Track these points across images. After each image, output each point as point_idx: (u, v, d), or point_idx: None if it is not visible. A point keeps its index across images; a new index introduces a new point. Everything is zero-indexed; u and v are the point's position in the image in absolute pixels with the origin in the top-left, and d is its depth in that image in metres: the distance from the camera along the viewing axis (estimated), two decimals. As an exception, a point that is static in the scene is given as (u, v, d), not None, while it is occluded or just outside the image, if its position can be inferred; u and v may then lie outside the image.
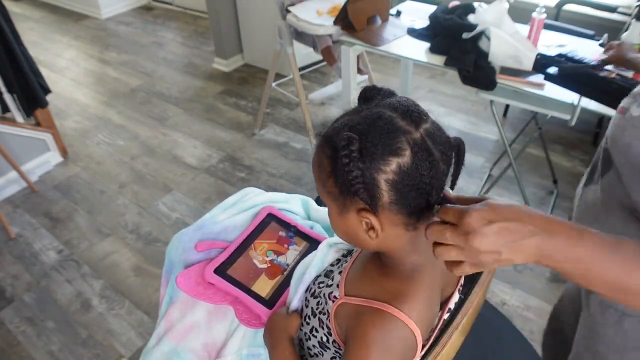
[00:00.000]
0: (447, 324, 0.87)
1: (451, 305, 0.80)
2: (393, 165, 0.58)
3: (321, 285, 0.80)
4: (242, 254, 1.00)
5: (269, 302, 0.92)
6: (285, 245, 1.03)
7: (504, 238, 0.54)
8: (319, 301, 0.79)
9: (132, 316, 1.90)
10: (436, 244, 0.58)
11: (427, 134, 0.60)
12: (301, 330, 0.83)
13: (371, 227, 0.63)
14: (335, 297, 0.74)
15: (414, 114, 0.61)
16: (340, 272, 0.78)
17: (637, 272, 0.54)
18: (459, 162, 0.65)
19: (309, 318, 0.80)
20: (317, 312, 0.78)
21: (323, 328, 0.76)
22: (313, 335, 0.79)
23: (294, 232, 1.06)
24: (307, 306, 0.81)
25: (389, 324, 0.64)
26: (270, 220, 1.07)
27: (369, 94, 0.67)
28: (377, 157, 0.58)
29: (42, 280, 2.08)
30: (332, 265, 0.86)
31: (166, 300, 0.96)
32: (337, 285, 0.76)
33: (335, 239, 0.90)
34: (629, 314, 0.81)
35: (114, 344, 1.81)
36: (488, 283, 0.99)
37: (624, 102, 0.77)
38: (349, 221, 0.64)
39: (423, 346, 0.72)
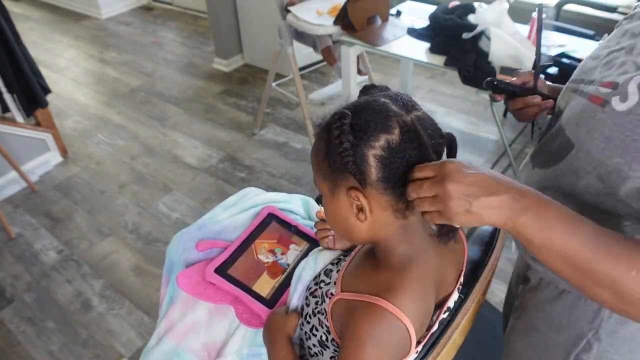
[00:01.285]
0: (447, 324, 0.87)
1: (450, 304, 0.80)
2: (382, 141, 0.61)
3: (321, 284, 0.81)
4: (243, 253, 1.00)
5: (270, 302, 0.92)
6: (286, 246, 1.03)
7: (478, 188, 0.56)
8: (317, 300, 0.79)
9: (132, 316, 1.90)
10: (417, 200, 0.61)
11: (417, 119, 0.64)
12: (301, 329, 0.83)
13: (360, 209, 0.65)
14: (331, 294, 0.75)
15: (407, 102, 0.66)
16: (338, 271, 0.79)
17: (595, 252, 0.55)
18: (452, 157, 0.68)
19: (310, 317, 0.80)
20: (316, 311, 0.78)
21: (322, 327, 0.76)
22: (313, 334, 0.79)
23: (294, 232, 1.06)
24: (307, 305, 0.82)
25: (381, 318, 0.64)
26: (271, 220, 1.07)
27: (367, 90, 0.71)
28: (367, 132, 0.61)
29: (42, 280, 2.08)
30: (332, 264, 0.86)
31: (167, 300, 0.96)
32: (335, 283, 0.76)
33: None
34: (569, 290, 0.81)
35: (114, 344, 1.81)
36: (488, 283, 0.99)
37: (597, 93, 0.70)
38: (340, 203, 0.67)
39: (419, 343, 0.72)
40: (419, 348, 0.72)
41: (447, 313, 0.80)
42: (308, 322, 0.80)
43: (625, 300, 0.56)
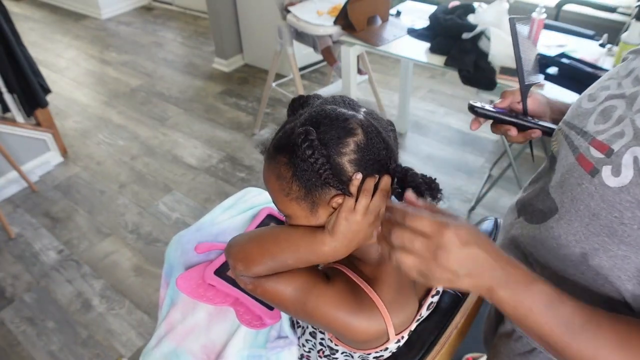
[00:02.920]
0: (446, 324, 0.87)
1: (439, 287, 0.81)
2: (351, 145, 0.62)
3: None
4: (242, 254, 1.00)
5: (270, 303, 0.92)
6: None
7: (471, 265, 0.53)
8: None
9: (132, 316, 1.90)
10: (392, 247, 0.56)
11: (367, 114, 0.66)
12: (295, 330, 0.84)
13: None
14: None
15: (350, 102, 0.68)
16: None
17: (566, 335, 0.53)
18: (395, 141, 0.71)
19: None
20: None
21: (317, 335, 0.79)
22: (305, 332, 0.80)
23: (294, 232, 1.06)
24: None
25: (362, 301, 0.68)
26: (269, 222, 1.06)
27: (300, 102, 0.70)
28: (334, 142, 0.62)
29: (42, 280, 2.08)
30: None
31: (167, 302, 0.96)
32: None
33: None
34: (540, 349, 0.76)
35: (114, 344, 1.81)
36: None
37: (588, 155, 0.61)
38: (322, 217, 0.66)
39: (404, 331, 0.73)
40: (405, 335, 0.74)
41: (435, 297, 0.81)
42: (301, 327, 0.81)
43: None
